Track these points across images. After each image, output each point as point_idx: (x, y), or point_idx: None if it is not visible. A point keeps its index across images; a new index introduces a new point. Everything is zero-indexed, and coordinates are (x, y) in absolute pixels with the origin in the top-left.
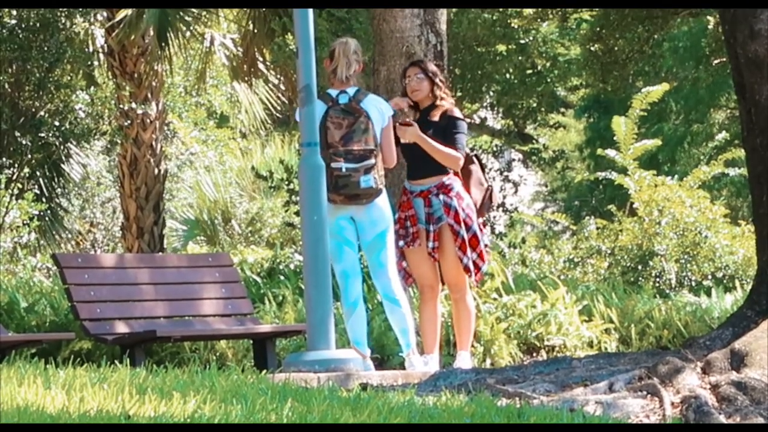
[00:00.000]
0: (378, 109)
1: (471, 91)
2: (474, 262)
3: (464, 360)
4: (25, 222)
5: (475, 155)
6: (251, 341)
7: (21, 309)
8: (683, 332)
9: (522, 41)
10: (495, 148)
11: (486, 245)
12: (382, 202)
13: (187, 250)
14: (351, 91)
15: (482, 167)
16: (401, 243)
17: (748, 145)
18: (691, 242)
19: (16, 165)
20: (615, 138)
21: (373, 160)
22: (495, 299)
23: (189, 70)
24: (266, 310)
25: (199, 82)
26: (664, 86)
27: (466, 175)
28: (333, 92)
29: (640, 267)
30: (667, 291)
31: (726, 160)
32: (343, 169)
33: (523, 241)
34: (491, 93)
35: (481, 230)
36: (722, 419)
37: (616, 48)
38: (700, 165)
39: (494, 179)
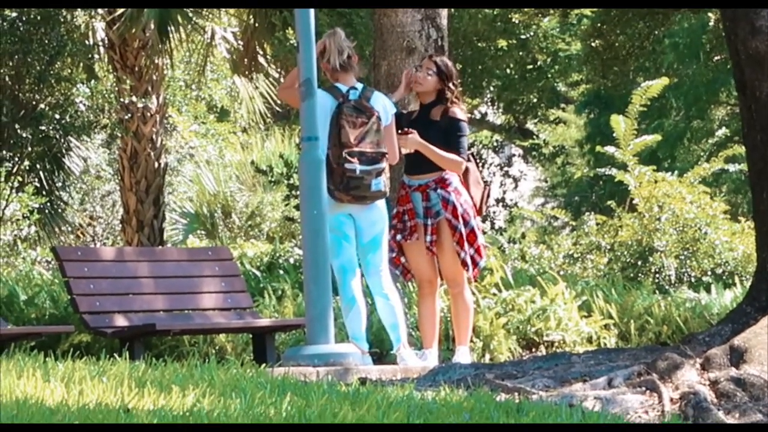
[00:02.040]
0: (383, 107)
1: (472, 86)
2: (472, 257)
3: (463, 355)
4: (25, 215)
5: (471, 154)
6: (250, 335)
7: (21, 302)
8: (682, 328)
9: (523, 36)
10: (495, 144)
11: (483, 245)
12: (381, 203)
13: (187, 243)
14: (359, 86)
15: (478, 166)
16: (398, 237)
17: (748, 141)
18: (691, 238)
19: (17, 158)
20: (615, 134)
21: (384, 164)
22: (494, 294)
23: (189, 63)
24: (265, 304)
25: (200, 75)
26: (664, 80)
27: (464, 173)
28: (342, 87)
29: (639, 263)
30: (667, 287)
31: (726, 157)
32: (357, 171)
33: (523, 236)
34: (492, 88)
35: (478, 227)
36: (721, 415)
37: (616, 44)
38: (700, 161)
39: (494, 174)
